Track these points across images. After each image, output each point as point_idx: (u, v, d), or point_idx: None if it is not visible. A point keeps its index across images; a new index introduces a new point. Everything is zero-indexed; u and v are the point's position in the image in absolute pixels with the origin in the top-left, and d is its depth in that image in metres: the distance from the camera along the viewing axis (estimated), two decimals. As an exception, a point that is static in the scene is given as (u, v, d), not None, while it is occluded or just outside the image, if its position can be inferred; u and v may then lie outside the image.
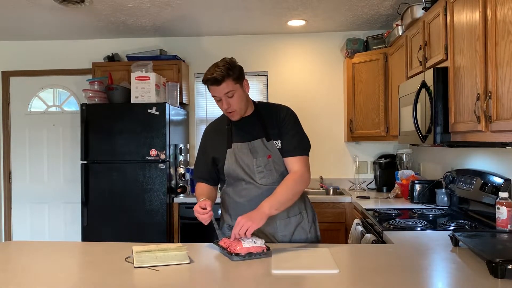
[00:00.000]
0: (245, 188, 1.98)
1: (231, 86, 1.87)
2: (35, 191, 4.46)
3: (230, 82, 1.86)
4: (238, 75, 1.89)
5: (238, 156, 1.97)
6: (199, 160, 2.13)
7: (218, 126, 2.10)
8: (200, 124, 4.40)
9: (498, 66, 1.69)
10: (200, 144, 2.15)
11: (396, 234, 2.12)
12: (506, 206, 2.00)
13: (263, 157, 1.96)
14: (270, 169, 1.96)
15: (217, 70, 1.84)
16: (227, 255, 1.71)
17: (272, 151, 1.96)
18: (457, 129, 2.13)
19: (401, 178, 3.45)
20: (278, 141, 1.97)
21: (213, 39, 4.35)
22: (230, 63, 1.88)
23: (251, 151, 1.97)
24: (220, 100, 1.91)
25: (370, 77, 3.76)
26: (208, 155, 2.06)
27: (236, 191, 2.01)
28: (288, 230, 2.01)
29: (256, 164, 1.96)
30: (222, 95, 1.89)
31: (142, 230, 3.58)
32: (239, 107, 1.94)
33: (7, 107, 4.48)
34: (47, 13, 3.54)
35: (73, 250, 1.95)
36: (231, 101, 1.90)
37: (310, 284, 1.38)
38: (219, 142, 2.03)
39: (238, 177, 1.98)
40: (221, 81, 1.85)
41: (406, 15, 2.97)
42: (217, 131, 2.08)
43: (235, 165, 1.97)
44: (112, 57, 4.18)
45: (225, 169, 1.99)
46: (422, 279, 1.43)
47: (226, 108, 1.92)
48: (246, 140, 1.98)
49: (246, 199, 1.98)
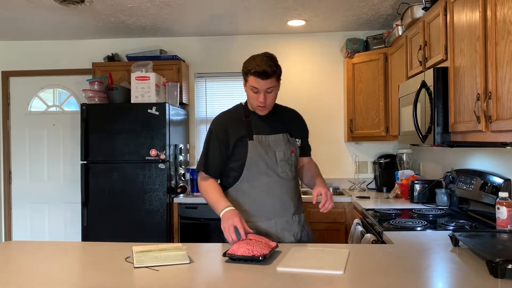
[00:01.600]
0: (267, 182, 1.97)
1: (274, 83, 1.95)
2: (35, 191, 4.46)
3: (275, 79, 1.94)
4: (280, 73, 1.97)
5: (261, 148, 1.97)
6: (214, 152, 2.00)
7: (235, 116, 2.04)
8: (200, 124, 4.40)
9: (498, 66, 1.69)
10: (214, 134, 2.01)
11: (396, 234, 2.12)
12: (506, 206, 2.00)
13: (286, 151, 2.02)
14: (291, 163, 2.04)
15: (270, 65, 1.90)
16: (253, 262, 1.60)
17: (295, 148, 2.07)
18: (457, 129, 2.13)
19: (401, 178, 3.45)
20: (298, 140, 2.11)
21: (213, 39, 4.35)
22: (276, 61, 1.95)
23: (273, 144, 2.00)
24: (258, 92, 1.93)
25: (370, 77, 3.76)
26: (227, 146, 1.98)
27: (254, 186, 1.97)
28: (299, 226, 2.06)
29: (279, 157, 2.00)
30: (263, 89, 1.92)
31: (142, 230, 3.58)
32: (271, 104, 2.01)
33: (7, 107, 4.48)
34: (47, 13, 3.54)
35: (73, 250, 1.94)
36: (268, 97, 1.96)
37: (310, 284, 1.38)
38: (242, 131, 1.99)
39: (259, 171, 1.96)
40: (270, 76, 1.90)
41: (406, 15, 2.97)
42: (235, 121, 2.02)
43: (258, 157, 1.96)
44: (112, 57, 4.18)
45: (247, 161, 1.95)
46: (422, 279, 1.43)
47: (262, 101, 1.94)
48: (267, 133, 2.01)
49: (266, 193, 1.97)
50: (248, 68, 1.93)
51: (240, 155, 1.97)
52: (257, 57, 1.93)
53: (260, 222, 1.98)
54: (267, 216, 1.98)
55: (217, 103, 4.38)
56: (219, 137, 2.00)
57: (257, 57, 1.94)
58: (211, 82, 4.39)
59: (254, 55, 1.97)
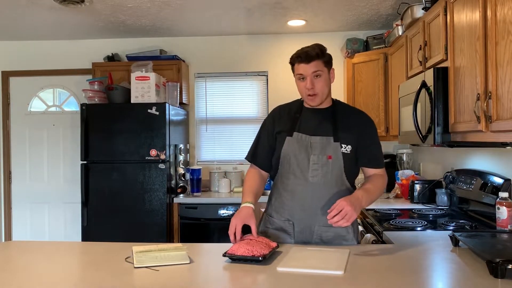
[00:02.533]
0: (293, 183, 1.91)
1: (320, 67, 1.85)
2: (35, 191, 4.46)
3: (320, 62, 1.84)
4: (328, 60, 1.88)
5: (297, 147, 1.90)
6: (263, 141, 2.01)
7: (288, 110, 2.01)
8: (200, 124, 4.40)
9: (498, 66, 1.69)
10: (265, 124, 2.03)
11: (396, 234, 2.12)
12: (506, 206, 2.00)
13: (322, 155, 1.87)
14: (327, 170, 1.87)
15: (313, 47, 1.85)
16: (253, 262, 1.60)
17: (335, 154, 1.87)
18: (457, 129, 2.13)
19: (401, 178, 3.45)
20: (348, 146, 1.89)
21: (213, 39, 4.35)
22: (322, 47, 1.88)
23: (310, 145, 1.89)
24: (304, 78, 1.86)
25: (370, 77, 3.76)
26: (273, 136, 1.98)
27: (284, 183, 1.94)
28: (326, 237, 1.91)
29: (312, 160, 1.87)
30: (309, 74, 1.84)
31: (142, 230, 3.58)
32: (321, 91, 1.87)
33: (7, 107, 4.48)
34: (47, 13, 3.54)
35: (73, 250, 1.94)
36: (316, 82, 1.85)
37: (310, 283, 1.38)
38: (285, 126, 1.96)
39: (289, 170, 1.91)
40: (313, 58, 1.83)
41: (406, 15, 2.97)
42: (286, 115, 1.99)
43: (291, 155, 1.90)
44: (112, 57, 4.18)
45: (281, 157, 1.93)
46: (422, 279, 1.43)
47: (310, 87, 1.85)
48: (310, 133, 1.90)
49: (291, 193, 1.91)
50: (293, 57, 1.88)
51: (278, 150, 1.94)
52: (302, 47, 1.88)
53: (279, 220, 1.95)
54: (286, 217, 1.93)
55: (217, 103, 4.38)
56: (268, 127, 2.01)
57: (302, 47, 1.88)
58: (211, 82, 4.39)
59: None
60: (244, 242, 1.69)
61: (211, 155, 4.39)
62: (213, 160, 4.35)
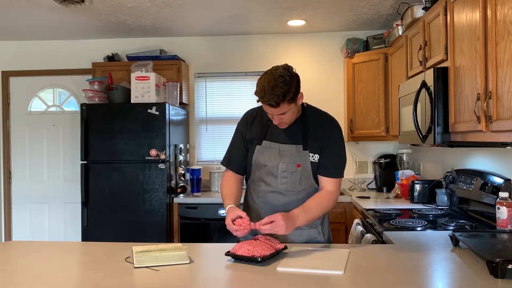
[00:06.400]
0: (264, 190, 1.94)
1: (286, 108, 1.78)
2: (35, 191, 4.46)
3: (285, 104, 1.76)
4: (294, 94, 1.77)
5: (266, 155, 1.91)
6: (236, 145, 2.02)
7: (260, 116, 2.00)
8: (200, 124, 4.40)
9: (498, 66, 1.69)
10: (238, 127, 2.04)
11: (396, 234, 2.12)
12: (506, 206, 2.00)
13: (291, 163, 1.89)
14: (296, 178, 1.90)
15: (277, 95, 1.71)
16: (252, 262, 1.61)
17: (303, 162, 1.89)
18: (457, 129, 2.13)
19: (401, 178, 3.45)
20: (315, 155, 1.89)
21: (213, 39, 4.35)
22: (287, 83, 1.73)
23: (279, 153, 1.90)
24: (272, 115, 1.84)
25: (370, 77, 3.76)
26: (246, 141, 1.98)
27: (255, 190, 1.97)
28: (299, 241, 1.95)
29: (281, 168, 1.90)
30: (275, 114, 1.81)
31: (142, 230, 3.58)
32: (289, 121, 1.88)
33: (7, 107, 4.48)
34: (47, 13, 3.54)
35: (73, 250, 1.94)
36: (283, 117, 1.83)
37: (310, 283, 1.38)
38: (256, 133, 1.96)
39: (260, 177, 1.94)
40: (276, 106, 1.75)
41: (406, 15, 2.97)
42: (258, 121, 2.00)
43: (260, 163, 1.92)
44: (112, 57, 4.18)
45: (252, 164, 1.95)
46: (422, 279, 1.43)
47: (277, 123, 1.86)
48: (280, 141, 1.92)
49: (262, 199, 1.95)
50: (257, 92, 1.79)
51: (250, 157, 1.97)
52: (265, 83, 1.74)
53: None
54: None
55: (217, 103, 4.38)
56: (242, 132, 2.02)
57: (264, 82, 1.74)
58: (211, 82, 4.39)
59: (263, 77, 1.78)
60: (247, 242, 1.70)
61: (211, 155, 4.39)
62: (213, 160, 4.35)
